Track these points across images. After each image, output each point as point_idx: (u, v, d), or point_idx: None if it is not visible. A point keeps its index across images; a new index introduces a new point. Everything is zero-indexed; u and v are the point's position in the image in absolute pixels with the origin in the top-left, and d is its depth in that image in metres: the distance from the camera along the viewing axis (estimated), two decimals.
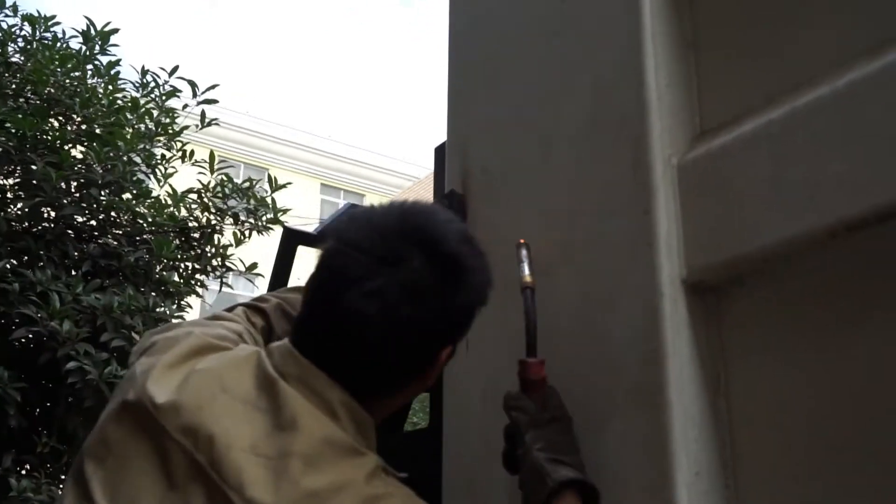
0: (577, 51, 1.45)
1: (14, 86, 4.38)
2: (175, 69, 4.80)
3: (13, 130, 4.13)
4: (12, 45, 4.47)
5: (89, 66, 4.45)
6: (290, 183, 4.62)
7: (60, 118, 4.37)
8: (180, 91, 4.78)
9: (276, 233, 4.44)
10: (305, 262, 1.68)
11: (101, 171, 4.19)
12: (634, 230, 1.26)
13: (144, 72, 4.74)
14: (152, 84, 4.74)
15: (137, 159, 4.37)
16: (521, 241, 1.34)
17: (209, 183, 4.55)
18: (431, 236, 1.11)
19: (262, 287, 4.27)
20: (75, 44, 4.61)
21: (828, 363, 1.07)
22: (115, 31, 4.45)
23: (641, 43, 1.32)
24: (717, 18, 1.33)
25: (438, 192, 1.84)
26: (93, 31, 4.43)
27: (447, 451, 1.62)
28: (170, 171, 4.71)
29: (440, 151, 1.88)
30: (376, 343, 1.06)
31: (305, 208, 21.74)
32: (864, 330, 1.04)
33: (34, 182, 4.14)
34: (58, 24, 4.67)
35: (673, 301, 1.20)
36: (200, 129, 4.52)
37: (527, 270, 1.32)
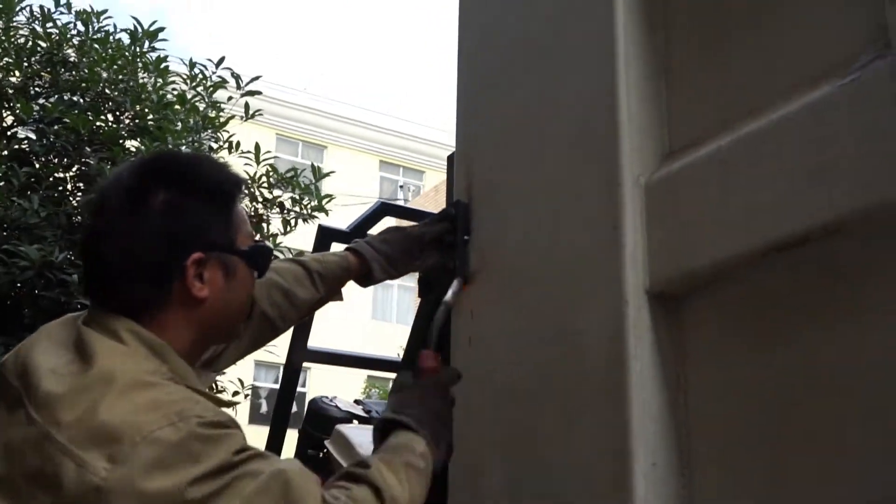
0: (560, 71, 1.62)
1: (70, 83, 4.70)
2: (221, 60, 5.06)
3: (70, 126, 4.44)
4: (67, 43, 4.78)
5: (139, 63, 4.74)
6: (333, 171, 4.86)
7: (113, 114, 4.68)
8: (227, 82, 5.04)
9: (321, 220, 4.67)
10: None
11: None
12: (605, 243, 1.43)
13: (192, 64, 5.02)
14: (200, 76, 5.01)
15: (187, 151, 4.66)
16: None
17: (255, 173, 4.82)
18: (153, 163, 1.37)
19: None
20: (125, 38, 4.90)
21: (768, 365, 1.24)
22: (161, 29, 4.73)
23: (615, 66, 1.48)
24: (687, 44, 1.48)
25: (449, 200, 2.03)
26: (139, 31, 4.72)
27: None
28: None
29: (451, 159, 2.06)
30: (109, 253, 1.26)
31: (364, 186, 22.10)
32: (793, 338, 1.20)
33: (90, 176, 4.45)
34: (109, 18, 4.97)
35: (637, 308, 1.37)
36: (245, 120, 4.78)
37: (451, 296, 1.74)
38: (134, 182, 1.30)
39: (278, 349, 2.44)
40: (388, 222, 3.11)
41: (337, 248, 2.82)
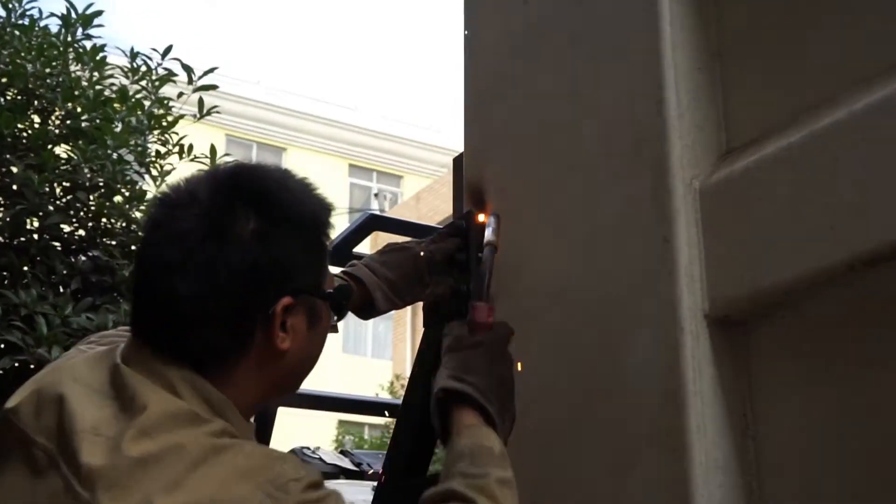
0: (594, 64, 1.62)
1: None
2: (168, 49, 5.04)
3: None
4: None
5: (70, 53, 4.72)
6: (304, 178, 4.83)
7: (41, 114, 4.65)
8: (176, 75, 5.03)
9: None
10: None
11: (88, 173, 4.46)
12: (654, 258, 1.42)
13: (134, 55, 5.00)
14: (143, 69, 4.99)
15: (129, 157, 4.63)
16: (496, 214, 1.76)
17: None
18: (236, 180, 1.29)
19: None
20: (54, 25, 4.89)
21: (855, 402, 1.24)
22: (98, 13, 4.71)
23: (660, 54, 1.48)
24: (745, 26, 1.48)
25: (457, 207, 2.03)
26: (73, 16, 4.70)
27: None
28: (166, 168, 4.96)
29: (459, 162, 2.06)
30: (185, 290, 1.20)
31: (332, 195, 21.98)
32: (887, 369, 1.20)
33: (14, 188, 4.42)
34: (34, 2, 4.95)
35: (694, 336, 1.37)
36: (198, 119, 4.77)
37: (492, 234, 1.72)
38: (217, 204, 1.25)
39: None
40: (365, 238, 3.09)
41: None
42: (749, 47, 1.47)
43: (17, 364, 4.20)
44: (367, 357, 22.73)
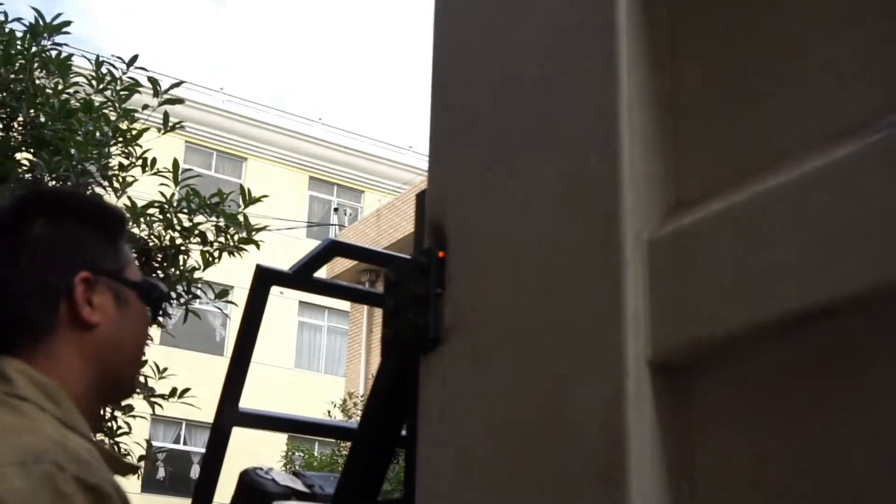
0: (553, 111, 1.70)
1: None
2: (134, 59, 5.05)
3: None
4: None
5: (36, 61, 4.73)
6: (265, 196, 4.88)
7: (3, 121, 4.66)
8: (141, 86, 5.06)
9: (251, 255, 4.70)
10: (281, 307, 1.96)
11: (51, 183, 4.47)
12: (603, 306, 1.50)
13: (99, 63, 5.01)
14: (108, 78, 5.01)
15: (92, 168, 4.64)
16: None
17: (172, 196, 4.83)
18: (26, 195, 1.52)
19: (234, 318, 4.53)
20: (19, 30, 4.89)
21: (788, 453, 1.32)
22: (68, 23, 4.72)
23: (617, 107, 1.56)
24: (698, 83, 1.58)
25: (418, 244, 2.10)
26: (40, 24, 4.71)
27: None
28: (128, 180, 4.99)
29: (422, 198, 2.13)
30: None
31: (291, 208, 22.03)
32: (817, 422, 1.29)
33: None
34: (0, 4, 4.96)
35: (638, 382, 1.45)
36: (163, 133, 4.81)
37: None
38: (7, 210, 1.45)
39: (205, 409, 2.47)
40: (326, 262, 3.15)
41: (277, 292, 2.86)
42: (701, 107, 1.56)
43: None
44: (321, 373, 22.69)
